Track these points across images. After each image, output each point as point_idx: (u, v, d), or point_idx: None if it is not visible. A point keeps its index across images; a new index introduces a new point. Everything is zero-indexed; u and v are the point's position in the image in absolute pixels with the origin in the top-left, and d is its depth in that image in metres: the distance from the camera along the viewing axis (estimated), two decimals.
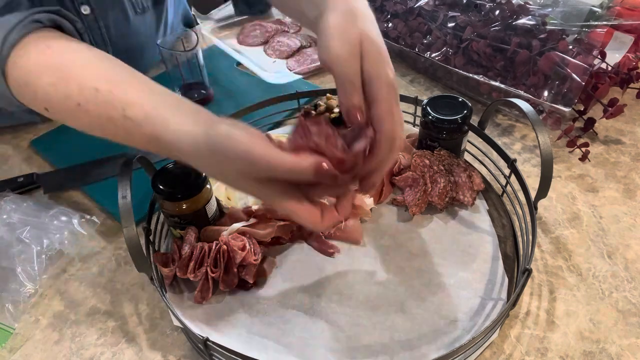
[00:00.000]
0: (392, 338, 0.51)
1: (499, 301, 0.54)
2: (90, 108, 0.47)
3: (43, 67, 0.48)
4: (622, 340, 0.52)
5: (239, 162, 0.40)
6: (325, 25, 0.44)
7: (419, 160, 0.63)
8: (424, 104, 0.64)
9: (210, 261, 0.54)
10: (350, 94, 0.42)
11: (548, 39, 0.77)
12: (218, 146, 0.41)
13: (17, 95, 0.51)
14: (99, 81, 0.47)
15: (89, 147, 0.76)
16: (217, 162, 0.42)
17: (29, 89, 0.49)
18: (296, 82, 0.90)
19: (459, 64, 0.83)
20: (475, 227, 0.62)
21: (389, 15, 0.94)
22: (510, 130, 0.79)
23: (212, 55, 0.99)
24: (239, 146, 0.39)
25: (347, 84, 0.42)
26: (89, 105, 0.47)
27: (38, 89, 0.48)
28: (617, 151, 0.74)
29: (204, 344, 0.46)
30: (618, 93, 0.78)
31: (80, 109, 0.47)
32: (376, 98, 0.42)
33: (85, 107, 0.47)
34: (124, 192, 0.50)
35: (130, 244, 0.49)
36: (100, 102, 0.47)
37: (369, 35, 0.43)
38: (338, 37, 0.43)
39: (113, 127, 0.47)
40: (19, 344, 0.55)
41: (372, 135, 0.42)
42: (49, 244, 0.62)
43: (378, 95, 0.42)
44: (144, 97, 0.46)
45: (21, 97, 0.51)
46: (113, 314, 0.57)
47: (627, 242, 0.61)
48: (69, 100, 0.47)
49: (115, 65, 0.50)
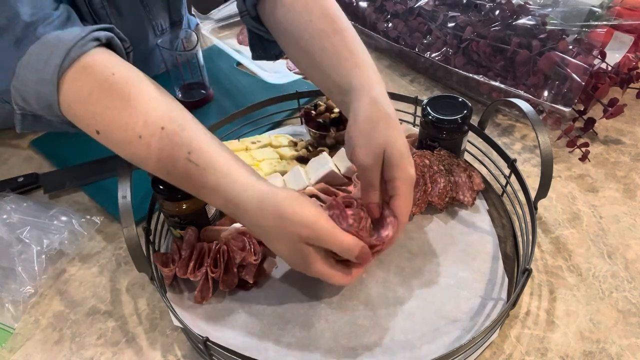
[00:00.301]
0: (392, 338, 0.51)
1: (499, 301, 0.54)
2: (152, 143, 0.48)
3: (107, 90, 0.48)
4: (622, 340, 0.52)
5: (303, 230, 0.46)
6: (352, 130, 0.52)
7: (419, 160, 0.63)
8: (424, 104, 0.64)
9: (210, 261, 0.55)
10: (371, 193, 0.52)
11: (548, 39, 0.77)
12: (287, 210, 0.47)
13: (65, 110, 0.50)
14: (164, 119, 0.49)
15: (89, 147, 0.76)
16: (279, 226, 0.47)
17: (84, 107, 0.49)
18: (296, 82, 0.90)
19: (459, 64, 0.83)
20: (475, 227, 0.62)
21: (389, 15, 0.94)
22: (510, 130, 0.79)
23: (212, 55, 0.99)
24: (308, 216, 0.46)
25: (368, 187, 0.51)
26: (152, 139, 0.48)
27: (97, 110, 0.49)
28: (617, 151, 0.74)
29: (204, 344, 0.46)
30: (618, 93, 0.78)
31: (141, 142, 0.48)
32: (396, 193, 0.50)
33: (147, 140, 0.48)
34: (124, 192, 0.50)
35: (130, 244, 0.49)
36: (165, 140, 0.48)
37: (390, 142, 0.50)
38: (363, 145, 0.51)
39: (172, 167, 0.49)
40: (19, 344, 0.55)
41: (394, 223, 0.52)
42: (49, 244, 0.62)
43: (398, 191, 0.50)
44: (205, 143, 0.49)
45: (70, 113, 0.50)
46: (113, 314, 0.57)
47: (627, 242, 0.61)
48: (130, 130, 0.48)
49: (177, 106, 0.51)
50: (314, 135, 0.72)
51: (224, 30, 1.08)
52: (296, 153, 0.72)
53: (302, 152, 0.72)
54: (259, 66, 0.95)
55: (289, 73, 0.94)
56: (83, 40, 0.49)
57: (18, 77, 0.49)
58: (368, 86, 0.53)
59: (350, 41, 0.56)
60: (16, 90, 0.50)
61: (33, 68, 0.48)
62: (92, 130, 0.50)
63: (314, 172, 0.65)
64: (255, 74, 0.94)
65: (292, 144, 0.74)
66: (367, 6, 0.97)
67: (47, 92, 0.48)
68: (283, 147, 0.73)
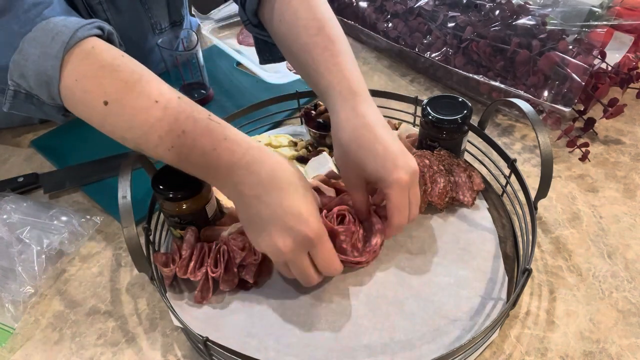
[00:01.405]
0: (392, 338, 0.51)
1: (499, 301, 0.54)
2: (170, 106, 0.48)
3: (117, 67, 0.49)
4: (622, 340, 0.52)
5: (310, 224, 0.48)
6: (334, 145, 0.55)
7: (419, 160, 0.63)
8: (424, 104, 0.64)
9: (211, 261, 0.55)
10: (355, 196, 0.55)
11: (548, 39, 0.77)
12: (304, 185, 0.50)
13: (68, 86, 0.49)
14: (178, 94, 0.50)
15: (89, 147, 0.77)
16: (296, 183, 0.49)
17: (93, 81, 0.49)
18: (296, 82, 0.90)
19: (459, 64, 0.83)
20: (476, 226, 0.62)
21: (389, 15, 0.94)
22: (510, 130, 0.79)
23: (212, 55, 0.99)
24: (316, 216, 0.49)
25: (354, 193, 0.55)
26: (170, 104, 0.48)
27: (108, 82, 0.48)
28: (617, 151, 0.74)
29: (204, 344, 0.46)
30: (618, 93, 0.78)
31: (158, 105, 0.48)
32: (387, 197, 0.51)
33: (164, 104, 0.48)
34: (124, 192, 0.50)
35: (130, 244, 0.49)
36: (183, 105, 0.49)
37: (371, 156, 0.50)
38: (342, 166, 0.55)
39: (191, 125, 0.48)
40: (19, 344, 0.55)
41: (382, 229, 0.56)
42: (49, 244, 0.62)
43: (387, 197, 0.51)
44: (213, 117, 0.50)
45: (77, 88, 0.49)
46: (113, 314, 0.57)
47: (627, 242, 0.61)
48: (145, 97, 0.48)
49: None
50: (314, 135, 0.72)
51: (224, 30, 1.09)
52: (296, 153, 0.72)
53: (302, 152, 0.72)
54: (259, 66, 0.95)
55: (289, 73, 0.94)
56: (89, 25, 0.51)
57: (21, 52, 0.49)
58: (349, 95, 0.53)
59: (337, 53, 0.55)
60: (15, 65, 0.50)
61: (38, 43, 0.49)
62: (98, 103, 0.48)
63: (314, 172, 0.65)
64: (255, 74, 0.94)
65: (292, 144, 0.74)
66: (367, 6, 0.97)
67: (50, 67, 0.48)
68: (283, 147, 0.73)
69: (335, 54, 0.55)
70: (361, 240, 0.56)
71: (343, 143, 0.52)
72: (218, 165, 0.48)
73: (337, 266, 0.52)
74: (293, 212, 0.47)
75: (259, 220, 0.49)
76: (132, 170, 0.52)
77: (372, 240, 0.56)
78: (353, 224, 0.56)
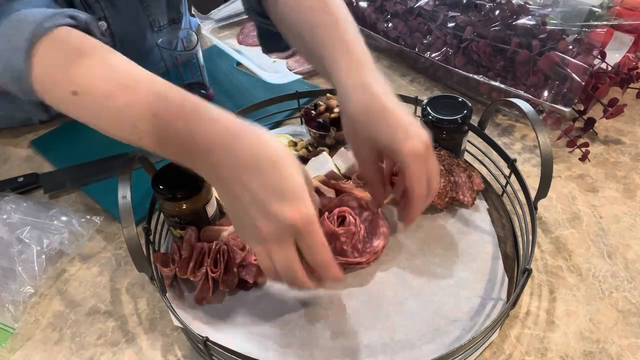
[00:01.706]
0: (392, 338, 0.51)
1: (499, 301, 0.54)
2: (141, 87, 0.46)
3: (85, 52, 0.47)
4: (622, 340, 0.52)
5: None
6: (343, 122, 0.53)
7: None
8: (424, 104, 0.64)
9: (210, 261, 0.54)
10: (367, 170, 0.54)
11: (548, 39, 0.77)
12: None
13: (38, 78, 0.48)
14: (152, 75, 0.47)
15: (89, 147, 0.77)
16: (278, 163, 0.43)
17: (60, 71, 0.47)
18: (296, 82, 0.90)
19: (459, 64, 0.83)
20: (475, 227, 0.62)
21: (389, 15, 0.94)
22: (510, 130, 0.79)
23: (212, 55, 0.99)
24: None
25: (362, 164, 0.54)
26: (140, 86, 0.46)
27: (75, 72, 0.46)
28: (617, 151, 0.74)
29: (204, 344, 0.46)
30: (618, 93, 0.78)
31: (127, 90, 0.45)
32: (404, 168, 0.48)
33: (134, 88, 0.46)
34: (124, 192, 0.50)
35: (130, 244, 0.49)
36: (157, 84, 0.46)
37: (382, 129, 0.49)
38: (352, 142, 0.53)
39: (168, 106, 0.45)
40: (19, 344, 0.55)
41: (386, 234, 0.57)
42: (49, 244, 0.62)
43: (403, 165, 0.48)
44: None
45: (45, 80, 0.48)
46: (113, 314, 0.57)
47: (627, 242, 0.61)
48: (114, 81, 0.46)
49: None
50: (314, 135, 0.72)
51: (224, 30, 1.09)
52: (296, 153, 0.72)
53: (302, 152, 0.72)
54: (259, 66, 0.95)
55: (289, 73, 0.94)
56: (58, 15, 0.49)
57: None
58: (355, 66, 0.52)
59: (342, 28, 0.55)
60: None
61: (4, 38, 0.48)
62: (67, 93, 0.47)
63: (314, 172, 0.65)
64: (255, 74, 0.94)
65: (292, 144, 0.74)
66: (367, 6, 0.97)
67: (16, 60, 0.47)
68: None
69: (340, 31, 0.54)
70: (362, 241, 0.56)
71: (351, 114, 0.51)
72: (195, 149, 0.45)
73: (327, 257, 0.45)
74: (276, 192, 0.42)
75: (241, 205, 0.44)
76: (132, 170, 0.52)
77: (375, 242, 0.56)
78: (354, 225, 0.55)
